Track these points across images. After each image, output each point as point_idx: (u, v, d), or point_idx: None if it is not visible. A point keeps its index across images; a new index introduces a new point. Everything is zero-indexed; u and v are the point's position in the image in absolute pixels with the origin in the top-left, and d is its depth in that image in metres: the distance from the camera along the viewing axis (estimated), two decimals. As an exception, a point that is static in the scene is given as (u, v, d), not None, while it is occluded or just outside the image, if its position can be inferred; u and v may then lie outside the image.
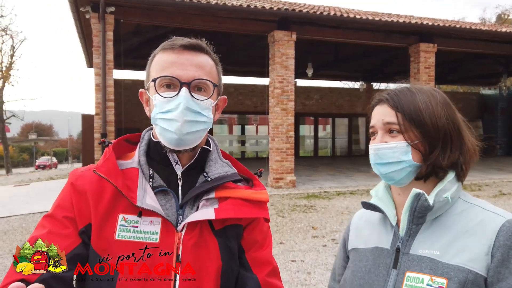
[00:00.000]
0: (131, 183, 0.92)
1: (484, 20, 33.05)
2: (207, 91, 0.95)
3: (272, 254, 1.03)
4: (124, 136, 1.05)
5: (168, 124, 0.91)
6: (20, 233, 6.14)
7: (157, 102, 0.93)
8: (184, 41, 0.95)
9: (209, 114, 0.95)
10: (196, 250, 0.90)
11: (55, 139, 69.66)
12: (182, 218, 0.92)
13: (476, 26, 11.81)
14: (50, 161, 39.87)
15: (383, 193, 1.01)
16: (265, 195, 1.00)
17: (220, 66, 1.03)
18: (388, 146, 0.94)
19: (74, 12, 8.94)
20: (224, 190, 0.96)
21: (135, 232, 0.89)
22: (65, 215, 0.91)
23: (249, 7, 8.81)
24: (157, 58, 0.96)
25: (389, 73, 18.83)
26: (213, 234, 0.93)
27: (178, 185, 0.97)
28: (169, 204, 0.93)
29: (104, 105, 8.36)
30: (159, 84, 0.93)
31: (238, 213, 0.94)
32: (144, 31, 11.37)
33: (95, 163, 3.73)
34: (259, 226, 1.01)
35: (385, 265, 0.94)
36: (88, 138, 14.08)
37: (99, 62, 8.39)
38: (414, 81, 10.72)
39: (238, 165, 1.07)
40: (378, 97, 1.02)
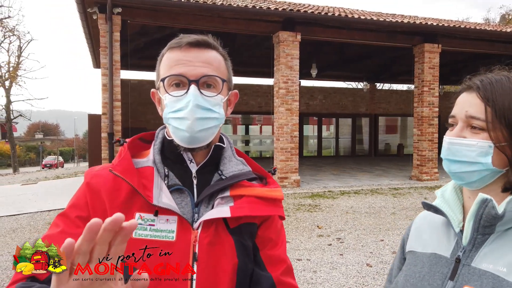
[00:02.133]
0: (147, 182, 0.92)
1: (488, 20, 32.87)
2: (217, 87, 0.95)
3: (286, 252, 1.04)
4: (138, 135, 1.06)
5: (180, 122, 0.92)
6: (29, 231, 6.24)
7: (168, 102, 0.94)
8: (190, 38, 0.95)
9: (220, 110, 0.95)
10: (212, 248, 0.91)
11: (61, 139, 69.98)
12: (198, 216, 0.93)
13: (481, 26, 11.80)
14: (57, 160, 40.14)
15: (450, 195, 0.92)
16: (279, 192, 0.99)
17: (229, 61, 1.02)
18: (466, 142, 0.82)
19: (81, 13, 9.03)
20: (239, 188, 0.97)
21: (151, 230, 0.89)
22: (79, 215, 0.92)
23: (254, 8, 8.87)
24: (165, 58, 0.97)
25: (393, 73, 18.80)
26: (228, 232, 0.93)
27: (193, 184, 0.97)
28: (184, 203, 0.94)
29: (111, 105, 8.45)
30: (168, 83, 0.94)
31: (253, 211, 0.94)
32: (150, 31, 11.45)
33: (104, 162, 3.80)
34: (273, 224, 1.02)
35: (442, 274, 0.86)
36: (95, 138, 14.18)
37: (106, 62, 8.48)
38: (418, 82, 10.70)
39: (252, 163, 1.07)
40: (468, 82, 0.88)
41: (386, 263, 4.62)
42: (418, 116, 11.25)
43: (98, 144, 13.37)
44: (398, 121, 21.45)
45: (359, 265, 4.57)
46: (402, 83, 24.37)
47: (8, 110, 28.12)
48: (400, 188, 9.89)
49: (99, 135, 13.13)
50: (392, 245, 5.29)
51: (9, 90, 27.81)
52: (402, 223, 6.48)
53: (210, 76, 0.93)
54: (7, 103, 27.81)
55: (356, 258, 4.81)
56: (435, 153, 11.21)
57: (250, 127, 20.08)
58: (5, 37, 27.43)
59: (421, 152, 11.16)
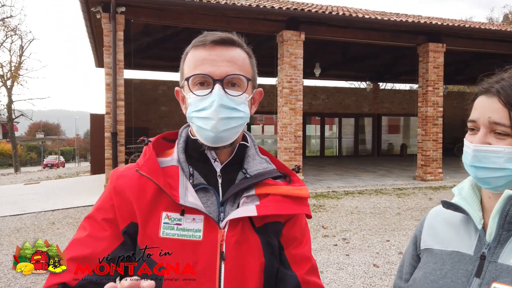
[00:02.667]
0: (172, 181, 0.92)
1: (492, 19, 32.83)
2: (241, 86, 0.94)
3: (311, 250, 1.03)
4: (162, 134, 1.06)
5: (204, 122, 0.91)
6: (33, 230, 6.22)
7: (192, 101, 0.93)
8: (215, 36, 0.94)
9: (245, 109, 0.95)
10: (240, 247, 0.91)
11: (62, 138, 70.08)
12: (224, 215, 0.93)
13: (485, 26, 11.75)
14: (58, 160, 40.17)
15: (468, 193, 0.92)
16: (305, 191, 0.99)
17: (254, 58, 1.02)
18: (492, 149, 0.81)
19: (85, 12, 9.01)
20: (264, 187, 0.96)
21: (178, 229, 0.90)
22: (105, 217, 0.93)
23: (258, 7, 8.84)
24: (189, 56, 0.96)
25: (397, 73, 18.77)
26: (254, 231, 0.93)
27: (218, 182, 0.97)
28: (210, 202, 0.94)
29: (114, 104, 8.43)
30: (192, 83, 0.93)
31: (279, 209, 0.94)
32: (152, 31, 11.43)
33: (107, 162, 3.87)
34: (298, 222, 1.02)
35: (466, 272, 0.86)
36: (97, 137, 14.18)
37: (109, 61, 8.46)
38: (422, 81, 10.66)
39: (275, 161, 1.06)
40: (485, 85, 0.87)
41: (393, 263, 4.59)
42: (422, 116, 11.21)
43: (100, 144, 13.37)
44: (401, 121, 21.39)
45: (366, 266, 4.53)
46: (406, 82, 24.35)
47: (10, 110, 28.15)
48: (404, 188, 9.85)
49: (101, 134, 13.14)
50: (398, 246, 5.26)
51: (11, 89, 27.83)
52: (407, 223, 6.44)
53: (235, 75, 0.93)
54: (8, 103, 27.84)
55: (362, 258, 4.78)
56: (439, 153, 11.17)
57: (252, 127, 20.06)
58: (7, 37, 27.49)
59: (425, 152, 11.11)
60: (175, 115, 16.39)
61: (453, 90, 24.18)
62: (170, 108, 16.31)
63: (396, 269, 4.44)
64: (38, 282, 4.13)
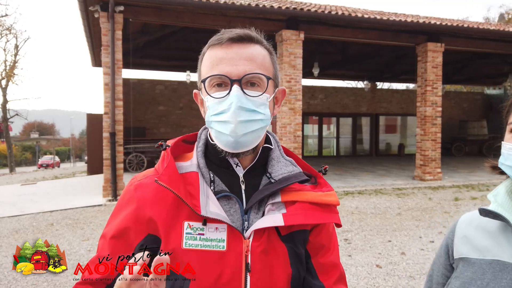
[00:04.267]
0: (193, 189, 0.87)
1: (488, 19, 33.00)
2: (261, 86, 0.88)
3: (339, 257, 0.99)
4: (181, 138, 1.01)
5: (223, 126, 0.86)
6: (31, 231, 6.15)
7: (209, 104, 0.88)
8: (232, 34, 0.88)
9: (266, 111, 0.89)
10: (266, 258, 0.86)
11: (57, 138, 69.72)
12: (248, 224, 0.88)
13: (484, 26, 11.77)
14: (53, 160, 39.92)
15: (504, 199, 0.90)
16: (334, 197, 0.93)
17: (274, 55, 0.96)
18: None
19: (83, 11, 8.93)
20: (291, 193, 0.91)
21: (201, 240, 0.85)
22: (124, 230, 0.89)
23: (258, 6, 8.80)
24: (206, 56, 0.91)
25: (396, 72, 18.80)
26: (280, 240, 0.89)
27: (241, 189, 0.92)
28: (233, 210, 0.89)
29: (113, 104, 8.36)
30: (209, 84, 0.88)
31: (308, 218, 0.89)
32: (151, 30, 11.37)
33: (105, 163, 3.88)
34: (325, 228, 0.97)
35: (510, 281, 0.84)
36: (94, 138, 14.08)
37: (108, 61, 8.39)
38: (421, 81, 10.70)
39: (301, 162, 1.01)
40: None
41: (396, 264, 4.57)
42: (421, 115, 11.21)
43: (97, 144, 13.29)
44: (398, 121, 21.44)
45: (369, 266, 4.51)
46: (404, 82, 24.41)
47: (5, 109, 27.92)
48: (403, 188, 9.86)
49: (98, 135, 13.05)
50: (400, 246, 5.24)
51: (6, 89, 27.60)
52: (408, 223, 6.43)
53: (254, 74, 0.87)
54: (3, 102, 27.60)
55: (365, 259, 4.76)
56: (438, 153, 11.18)
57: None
58: (2, 36, 27.25)
59: (424, 152, 11.12)
60: (172, 114, 16.34)
61: (450, 90, 24.26)
62: (168, 107, 16.25)
63: (399, 269, 4.44)
64: (39, 284, 4.07)
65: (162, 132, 16.02)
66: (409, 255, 4.85)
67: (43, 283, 4.09)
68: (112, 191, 8.40)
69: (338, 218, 0.93)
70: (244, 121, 0.85)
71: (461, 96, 22.17)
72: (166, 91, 16.28)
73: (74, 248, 5.20)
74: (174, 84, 16.49)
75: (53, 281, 4.10)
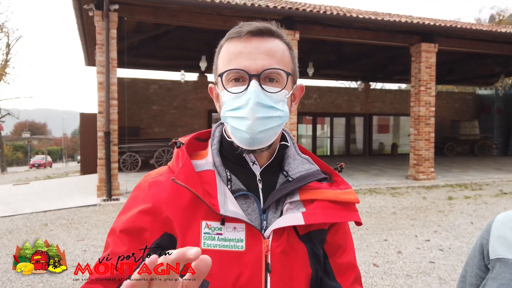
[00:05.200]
0: (210, 188, 0.85)
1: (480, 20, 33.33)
2: (280, 82, 0.86)
3: (355, 257, 0.98)
4: (194, 135, 0.98)
5: (239, 122, 0.84)
6: (25, 232, 6.08)
7: (226, 99, 0.86)
8: (251, 27, 0.85)
9: (284, 107, 0.86)
10: (286, 258, 0.84)
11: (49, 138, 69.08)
12: (266, 224, 0.86)
13: (476, 27, 11.89)
14: (45, 160, 39.55)
15: None
16: (353, 195, 0.90)
17: (294, 51, 0.93)
18: None
19: (77, 10, 8.86)
20: (309, 191, 0.89)
21: (220, 240, 0.83)
22: (139, 226, 0.86)
23: (254, 6, 8.80)
24: (224, 50, 0.88)
25: (389, 72, 18.91)
26: (300, 240, 0.87)
27: (258, 188, 0.90)
28: (251, 209, 0.87)
29: (107, 103, 8.30)
30: (226, 79, 0.86)
31: (328, 217, 0.86)
32: (145, 29, 11.30)
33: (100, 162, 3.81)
34: (341, 228, 0.96)
35: None
36: (87, 137, 13.97)
37: (102, 60, 8.33)
38: (415, 81, 10.76)
39: (317, 160, 0.98)
40: None
41: (392, 263, 4.60)
42: (415, 115, 11.29)
43: (91, 143, 13.19)
44: (391, 121, 21.59)
45: (366, 265, 4.53)
46: (398, 82, 24.56)
47: (-4, 109, 27.62)
48: (398, 188, 9.92)
49: (91, 134, 12.96)
50: (396, 245, 5.27)
51: (-3, 88, 27.30)
52: (403, 222, 6.47)
53: (273, 70, 0.84)
54: (-5, 101, 27.30)
55: (361, 258, 4.77)
56: (431, 153, 11.27)
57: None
58: (-7, 34, 26.93)
59: (418, 152, 11.20)
60: (167, 114, 16.26)
61: (442, 90, 24.45)
62: (162, 107, 16.17)
63: (396, 268, 4.46)
64: (34, 285, 4.03)
65: (156, 131, 15.95)
66: (406, 254, 4.88)
67: (38, 284, 4.04)
68: (106, 191, 8.34)
69: (358, 216, 0.91)
70: (262, 117, 0.83)
71: (453, 96, 22.36)
72: (161, 90, 16.21)
73: (69, 248, 5.16)
74: (168, 83, 16.42)
75: (49, 282, 4.06)
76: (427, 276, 4.14)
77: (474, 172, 12.71)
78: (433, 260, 4.63)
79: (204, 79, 16.82)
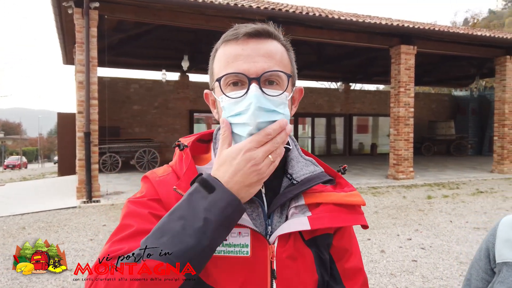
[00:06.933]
0: None
1: (455, 23, 34.25)
2: (281, 84, 0.83)
3: (361, 260, 0.97)
4: (196, 137, 0.95)
5: (241, 129, 0.80)
6: (2, 236, 5.88)
7: (225, 104, 0.82)
8: (248, 28, 0.83)
9: (285, 110, 0.82)
10: (292, 263, 0.82)
11: (24, 138, 67.15)
12: (272, 229, 0.84)
13: (453, 30, 12.23)
14: (20, 160, 38.40)
15: None
16: (359, 197, 0.89)
17: (292, 52, 0.91)
18: None
19: (55, 7, 8.64)
20: (314, 195, 0.87)
21: (224, 245, 0.81)
22: (151, 212, 0.82)
23: (237, 6, 8.79)
24: (220, 53, 0.85)
25: (369, 74, 19.22)
26: (305, 245, 0.85)
27: (261, 192, 0.87)
28: (255, 214, 0.84)
29: (87, 103, 8.12)
30: (224, 83, 0.82)
31: (334, 221, 0.85)
32: (126, 28, 11.12)
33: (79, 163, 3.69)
34: (347, 231, 0.95)
35: None
36: (65, 137, 13.66)
37: (82, 59, 8.14)
38: (394, 82, 10.95)
39: (320, 162, 0.97)
40: None
41: (376, 262, 4.66)
42: (394, 116, 11.50)
43: (69, 144, 12.90)
44: (370, 121, 21.94)
45: (350, 265, 4.58)
46: (378, 83, 24.97)
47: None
48: (378, 187, 10.08)
49: (69, 134, 12.68)
50: (379, 244, 5.35)
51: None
52: (385, 221, 6.58)
53: (273, 72, 0.81)
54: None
55: (346, 257, 4.82)
56: (410, 153, 11.50)
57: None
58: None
59: (398, 152, 11.42)
60: (147, 114, 16.06)
61: (419, 91, 25.00)
62: (143, 107, 15.96)
63: (380, 267, 4.53)
64: None
65: (137, 131, 15.73)
66: (389, 252, 4.96)
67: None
68: (87, 193, 8.16)
69: (364, 219, 0.90)
70: (264, 122, 0.79)
71: (430, 97, 22.91)
72: (141, 90, 15.99)
73: (50, 252, 5.02)
74: (149, 83, 16.22)
75: (29, 287, 3.94)
76: (410, 274, 4.22)
77: (451, 172, 13.06)
78: (416, 258, 4.72)
79: (185, 78, 16.68)
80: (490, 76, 17.99)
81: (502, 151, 12.95)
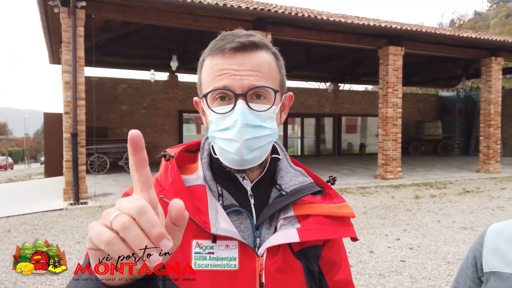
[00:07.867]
0: (201, 204, 0.81)
1: (442, 25, 34.71)
2: (268, 98, 0.82)
3: (350, 272, 0.96)
4: (183, 148, 0.93)
5: (227, 144, 0.80)
6: (-13, 239, 5.78)
7: (212, 119, 0.83)
8: (234, 43, 0.81)
9: (273, 124, 0.83)
10: (281, 277, 0.81)
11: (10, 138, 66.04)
12: (260, 241, 0.83)
13: (441, 31, 12.38)
14: (6, 161, 37.73)
15: None
16: (348, 209, 0.88)
17: (281, 60, 0.89)
18: None
19: (41, 6, 8.50)
20: (303, 206, 0.86)
21: (212, 259, 0.79)
22: None
23: (226, 6, 8.75)
24: (207, 65, 0.84)
25: (357, 74, 19.35)
26: (295, 257, 0.84)
27: (250, 203, 0.86)
28: (244, 226, 0.83)
29: (74, 103, 8.01)
30: (211, 98, 0.82)
31: (324, 233, 0.84)
32: (113, 27, 11.01)
33: (66, 165, 3.52)
34: (335, 243, 0.93)
35: None
36: (52, 138, 13.46)
37: (69, 58, 8.03)
38: (383, 83, 11.05)
39: (310, 173, 0.95)
40: None
41: (365, 262, 4.69)
42: (383, 116, 11.60)
43: (55, 144, 12.71)
44: (358, 121, 22.11)
45: (340, 265, 4.60)
46: (365, 84, 25.15)
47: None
48: (367, 187, 10.15)
49: (56, 135, 12.50)
50: (368, 244, 5.38)
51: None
52: (374, 221, 6.63)
53: (260, 88, 0.81)
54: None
55: (335, 258, 4.84)
56: (398, 153, 11.61)
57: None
58: None
59: (386, 152, 11.52)
60: (136, 114, 15.92)
61: (407, 92, 25.27)
62: (131, 107, 15.82)
63: (369, 268, 4.56)
64: None
65: (125, 132, 15.56)
66: (377, 253, 4.99)
67: None
68: (74, 194, 8.05)
69: (353, 232, 0.89)
70: (251, 138, 0.80)
71: (417, 98, 23.17)
72: (129, 90, 15.85)
73: (36, 255, 4.94)
74: (137, 83, 16.08)
75: (15, 292, 3.87)
76: (399, 275, 4.25)
77: (438, 171, 13.22)
78: (404, 258, 4.76)
79: (174, 78, 16.59)
80: (476, 77, 18.27)
81: (488, 151, 13.16)
